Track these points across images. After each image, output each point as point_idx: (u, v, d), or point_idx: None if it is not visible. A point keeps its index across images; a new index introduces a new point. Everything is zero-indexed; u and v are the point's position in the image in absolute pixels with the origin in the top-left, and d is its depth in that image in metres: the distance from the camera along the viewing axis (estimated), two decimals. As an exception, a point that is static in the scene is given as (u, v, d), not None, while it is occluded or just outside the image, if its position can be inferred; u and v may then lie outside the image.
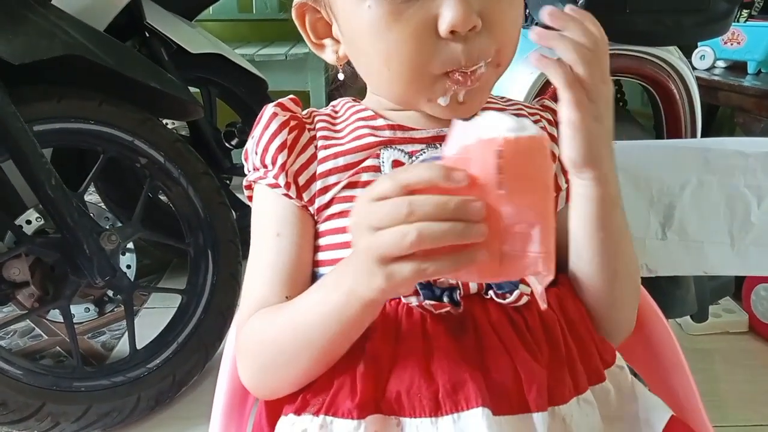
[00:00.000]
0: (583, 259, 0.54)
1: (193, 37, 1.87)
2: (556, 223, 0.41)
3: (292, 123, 0.56)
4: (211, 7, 2.25)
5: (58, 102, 1.22)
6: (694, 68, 1.88)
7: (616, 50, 0.86)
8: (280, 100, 0.58)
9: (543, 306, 0.45)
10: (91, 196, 1.89)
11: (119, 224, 1.37)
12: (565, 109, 0.47)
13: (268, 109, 0.57)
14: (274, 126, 0.55)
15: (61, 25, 1.20)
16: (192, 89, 1.88)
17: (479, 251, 0.38)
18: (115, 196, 1.81)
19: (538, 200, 0.39)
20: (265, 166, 0.56)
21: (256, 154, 0.56)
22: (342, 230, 0.53)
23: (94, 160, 1.33)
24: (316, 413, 0.47)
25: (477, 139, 0.38)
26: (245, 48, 2.66)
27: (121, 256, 1.32)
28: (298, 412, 0.49)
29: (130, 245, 1.38)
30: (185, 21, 1.93)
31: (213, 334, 1.39)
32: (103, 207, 1.70)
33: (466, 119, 0.41)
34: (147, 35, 1.76)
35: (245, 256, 1.50)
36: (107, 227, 1.29)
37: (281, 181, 0.54)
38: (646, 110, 1.04)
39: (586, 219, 0.52)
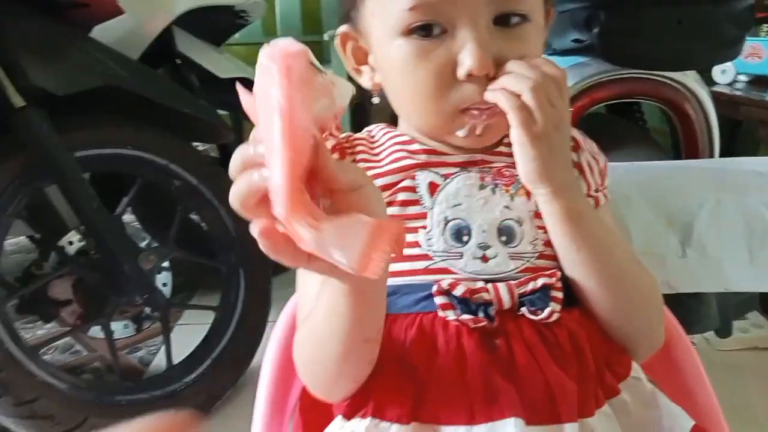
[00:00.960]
0: (568, 270, 0.56)
1: (221, 63, 1.93)
2: None
3: (338, 148, 0.61)
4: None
5: (97, 130, 1.28)
6: (715, 83, 1.90)
7: (632, 74, 0.89)
8: None
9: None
10: (126, 216, 1.96)
11: (155, 244, 1.43)
12: (513, 130, 0.52)
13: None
14: None
15: (100, 56, 1.27)
16: (221, 112, 1.95)
17: None
18: (150, 217, 1.87)
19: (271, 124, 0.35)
20: None
21: None
22: None
23: (129, 182, 1.39)
24: (364, 416, 0.50)
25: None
26: (271, 70, 2.72)
27: (157, 274, 1.38)
28: (347, 416, 0.52)
29: (166, 264, 1.43)
30: (213, 47, 2.00)
31: (245, 349, 1.44)
32: (139, 227, 1.77)
33: None
34: (178, 62, 1.83)
35: (275, 273, 1.54)
36: (144, 247, 1.34)
37: None
38: (665, 127, 1.07)
39: (554, 232, 0.55)
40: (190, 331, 1.55)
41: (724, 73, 1.88)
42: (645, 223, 0.83)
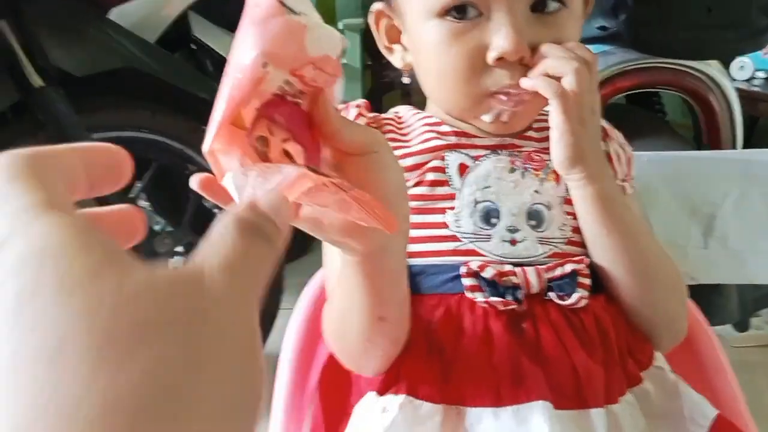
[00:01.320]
0: (596, 256, 0.56)
1: (236, 49, 1.93)
2: None
3: (373, 126, 0.61)
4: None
5: (114, 112, 1.28)
6: (733, 79, 1.88)
7: (656, 63, 0.88)
8: (359, 102, 0.63)
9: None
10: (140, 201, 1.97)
11: (168, 228, 1.43)
12: (554, 115, 0.51)
13: (352, 109, 0.61)
14: None
15: (119, 39, 1.27)
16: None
17: None
18: (163, 201, 1.88)
19: None
20: None
21: None
22: (411, 225, 0.56)
23: (143, 166, 1.39)
24: (397, 392, 0.50)
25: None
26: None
27: (170, 259, 1.38)
28: (380, 392, 0.52)
29: (180, 249, 1.44)
30: (229, 33, 2.00)
31: (256, 336, 1.44)
32: (151, 211, 1.77)
33: None
34: (193, 47, 1.83)
35: (287, 260, 1.54)
36: (159, 231, 1.35)
37: None
38: (685, 121, 1.06)
39: (585, 217, 0.55)
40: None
41: (742, 69, 1.86)
42: (667, 213, 0.82)
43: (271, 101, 0.32)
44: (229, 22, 2.02)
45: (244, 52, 0.31)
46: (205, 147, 0.32)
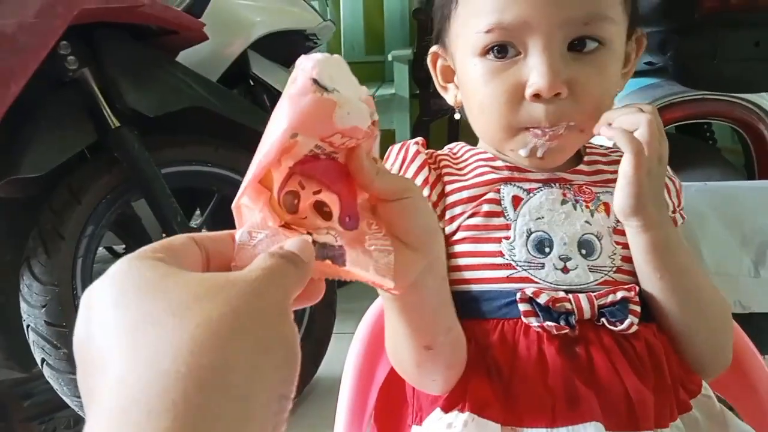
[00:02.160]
0: (647, 290, 0.58)
1: (291, 84, 2.02)
2: None
3: (430, 161, 0.64)
4: (305, 54, 2.42)
5: (181, 148, 1.37)
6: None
7: (706, 95, 0.90)
8: (417, 140, 0.66)
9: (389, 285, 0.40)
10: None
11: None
12: (625, 164, 0.54)
13: (412, 146, 0.65)
14: (418, 162, 0.63)
15: (187, 80, 1.36)
16: (290, 131, 2.03)
17: None
18: (223, 230, 1.96)
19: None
20: None
21: None
22: (467, 254, 0.60)
23: (203, 196, 1.45)
24: (462, 410, 0.53)
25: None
26: (335, 90, 2.81)
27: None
28: (445, 409, 0.55)
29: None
30: (284, 69, 2.09)
31: (310, 360, 1.49)
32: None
33: None
34: (251, 83, 1.93)
35: (340, 285, 1.59)
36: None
37: None
38: (735, 147, 1.06)
39: (639, 261, 0.58)
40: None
41: (797, 92, 1.83)
42: (718, 242, 0.83)
43: (304, 159, 0.36)
44: (285, 59, 2.12)
45: (277, 124, 0.35)
46: (234, 203, 0.36)
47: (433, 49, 0.68)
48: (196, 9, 1.51)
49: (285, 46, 2.03)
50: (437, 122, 2.67)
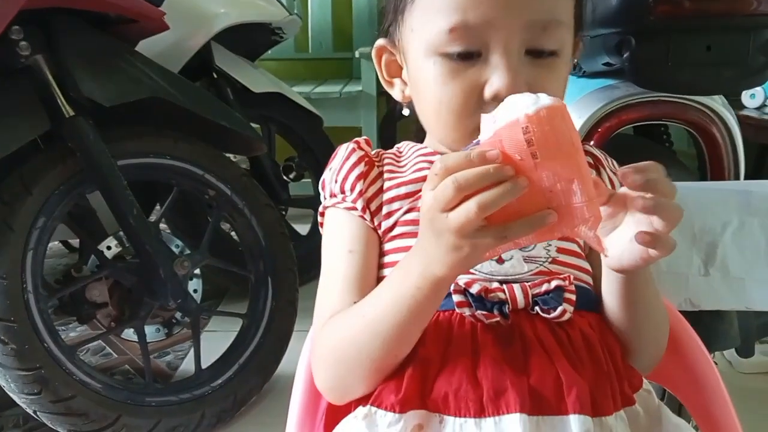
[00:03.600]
0: (610, 313, 0.60)
1: (255, 78, 2.00)
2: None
3: (367, 158, 0.65)
4: (270, 48, 2.40)
5: (139, 140, 1.34)
6: (744, 107, 1.91)
7: (662, 97, 0.92)
8: (357, 139, 0.68)
9: (605, 253, 0.52)
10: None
11: (187, 251, 1.48)
12: (651, 246, 0.49)
13: (349, 145, 0.67)
14: (353, 158, 0.65)
15: (146, 70, 1.33)
16: (253, 125, 2.01)
17: (548, 213, 0.45)
18: (182, 225, 1.93)
19: (568, 158, 0.44)
20: (343, 192, 0.65)
21: (336, 182, 0.65)
22: (404, 249, 0.60)
23: (162, 190, 1.43)
24: (364, 404, 0.54)
25: (505, 122, 0.45)
26: (302, 86, 2.80)
27: (188, 280, 1.42)
28: (354, 407, 0.56)
29: (197, 271, 1.48)
30: (248, 62, 2.07)
31: (271, 356, 1.47)
32: (171, 234, 1.82)
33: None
34: (215, 76, 1.90)
35: (301, 283, 1.58)
36: (178, 254, 1.39)
37: (359, 205, 0.63)
38: (691, 150, 1.09)
39: (613, 293, 0.59)
40: (216, 338, 1.60)
41: (753, 97, 1.89)
42: (669, 242, 0.85)
43: None
44: (250, 52, 2.10)
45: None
46: (598, 220, 0.47)
47: (380, 42, 0.67)
48: (155, -2, 1.47)
49: (250, 39, 2.01)
50: (405, 121, 2.67)
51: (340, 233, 0.65)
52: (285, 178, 2.04)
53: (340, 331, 0.58)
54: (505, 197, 0.44)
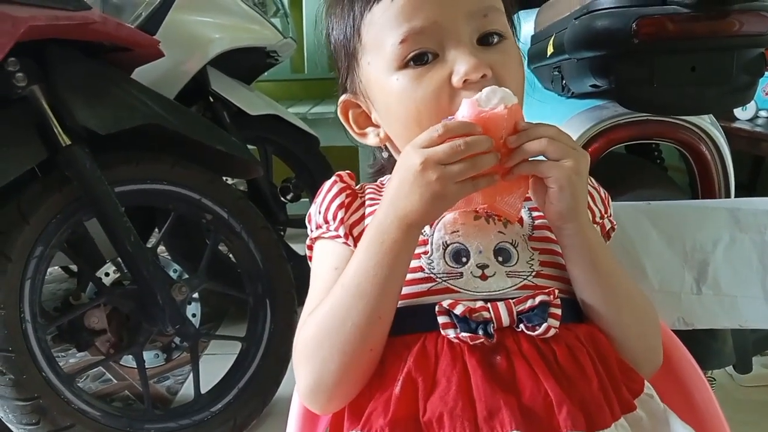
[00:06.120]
0: (581, 291, 0.62)
1: (251, 100, 2.01)
2: None
3: (348, 190, 0.68)
4: (266, 69, 2.41)
5: (136, 166, 1.35)
6: (736, 119, 1.92)
7: (650, 117, 0.93)
8: (339, 173, 0.70)
9: (515, 218, 0.63)
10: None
11: (185, 275, 1.48)
12: (558, 172, 0.57)
13: (330, 179, 0.69)
14: (335, 190, 0.68)
15: (141, 97, 1.34)
16: (250, 147, 2.02)
17: (497, 178, 0.56)
18: (180, 249, 1.93)
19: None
20: (327, 222, 0.67)
21: (320, 213, 0.68)
22: None
23: (160, 215, 1.43)
24: (354, 428, 0.55)
25: (489, 109, 0.55)
26: (298, 107, 2.82)
27: (187, 305, 1.43)
28: (347, 430, 0.56)
29: (195, 295, 1.48)
30: (244, 85, 2.09)
31: (271, 379, 1.47)
32: (170, 259, 1.82)
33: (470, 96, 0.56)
34: (211, 100, 1.91)
35: (300, 304, 1.59)
36: (176, 278, 1.40)
37: (341, 231, 0.65)
38: (682, 166, 1.10)
39: (578, 264, 0.61)
40: (216, 361, 1.59)
41: (744, 109, 1.90)
42: (662, 261, 0.85)
43: None
44: (245, 75, 2.11)
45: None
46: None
47: (342, 97, 0.69)
48: (150, 26, 1.49)
49: (245, 62, 2.03)
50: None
51: (325, 259, 0.67)
52: (282, 199, 2.05)
53: (319, 314, 0.59)
54: (481, 147, 0.53)
